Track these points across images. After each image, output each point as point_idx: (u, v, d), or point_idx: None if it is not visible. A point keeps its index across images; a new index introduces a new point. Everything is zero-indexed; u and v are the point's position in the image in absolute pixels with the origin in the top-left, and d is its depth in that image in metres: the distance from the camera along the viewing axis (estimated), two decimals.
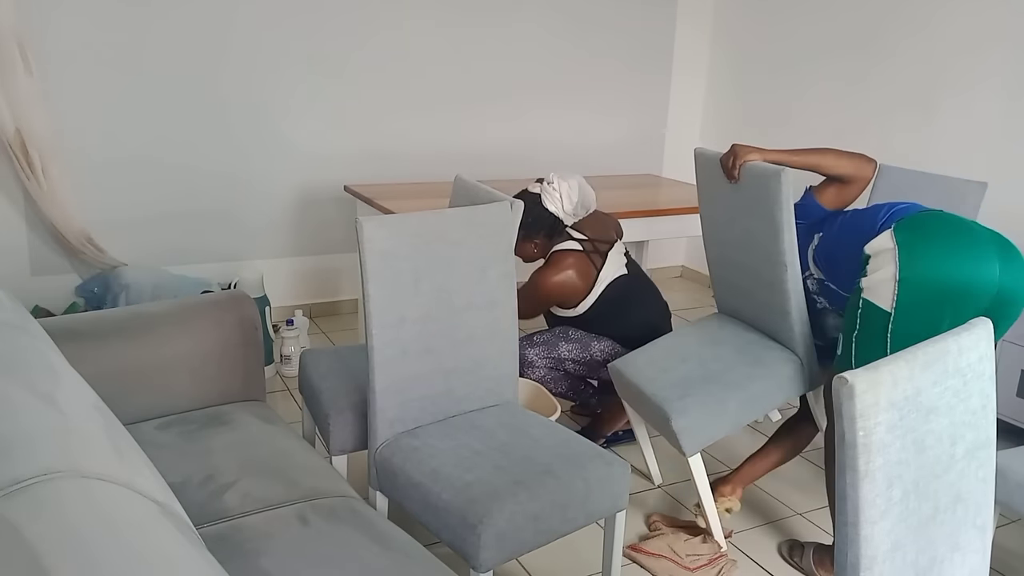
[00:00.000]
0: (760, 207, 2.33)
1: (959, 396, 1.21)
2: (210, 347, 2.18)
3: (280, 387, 3.46)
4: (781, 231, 2.29)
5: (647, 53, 4.83)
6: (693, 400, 2.32)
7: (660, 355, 2.56)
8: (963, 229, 2.14)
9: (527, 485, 1.85)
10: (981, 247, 2.08)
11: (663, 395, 2.35)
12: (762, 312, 2.53)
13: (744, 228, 2.44)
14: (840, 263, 2.31)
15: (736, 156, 2.36)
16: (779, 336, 2.49)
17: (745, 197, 2.38)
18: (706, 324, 2.74)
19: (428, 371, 2.09)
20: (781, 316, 2.43)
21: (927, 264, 2.07)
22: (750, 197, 2.36)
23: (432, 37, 4.20)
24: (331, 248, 4.25)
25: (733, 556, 2.41)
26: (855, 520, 1.11)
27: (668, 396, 2.34)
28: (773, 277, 2.38)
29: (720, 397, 2.35)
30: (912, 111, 3.81)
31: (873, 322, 2.14)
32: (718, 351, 2.52)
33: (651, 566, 2.33)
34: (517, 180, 4.04)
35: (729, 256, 2.60)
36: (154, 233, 3.81)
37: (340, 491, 1.82)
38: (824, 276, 2.39)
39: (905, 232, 2.12)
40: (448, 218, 2.11)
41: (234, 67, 3.81)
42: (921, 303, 2.07)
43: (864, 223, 2.27)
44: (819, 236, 2.40)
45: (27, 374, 1.24)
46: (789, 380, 2.45)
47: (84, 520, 0.89)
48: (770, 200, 2.28)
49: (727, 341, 2.57)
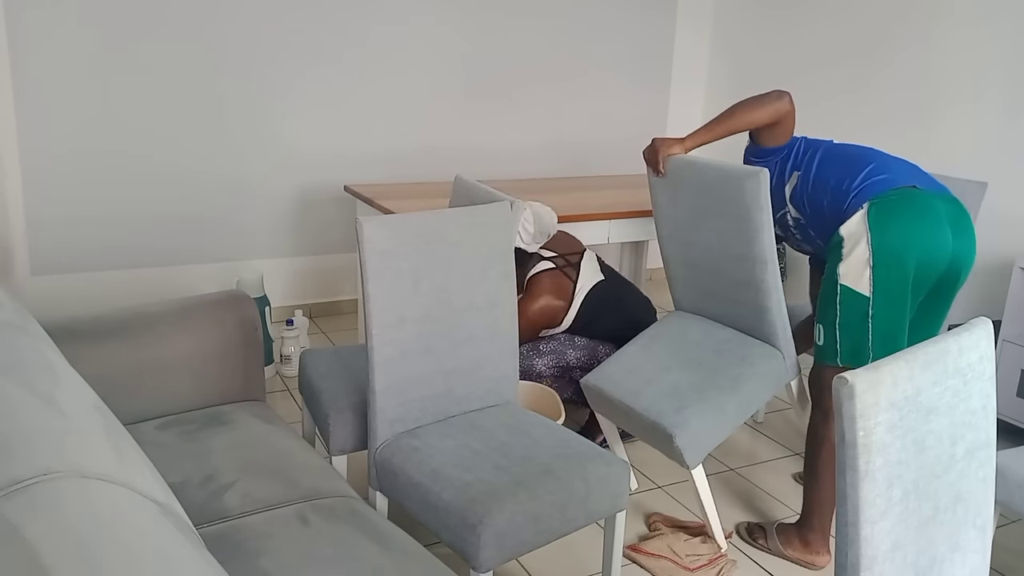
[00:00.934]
0: (734, 208, 2.28)
1: (959, 396, 1.21)
2: (210, 347, 2.18)
3: (280, 387, 3.46)
4: (760, 231, 2.26)
5: (647, 53, 4.84)
6: (691, 412, 2.26)
7: (636, 364, 2.48)
8: (921, 204, 2.21)
9: (527, 485, 1.85)
10: (936, 220, 2.18)
11: (657, 410, 2.28)
12: (733, 309, 2.49)
13: (714, 228, 2.38)
14: (823, 213, 2.34)
15: (658, 151, 2.42)
16: (755, 332, 2.46)
17: (716, 199, 2.33)
18: (671, 325, 2.64)
19: (428, 371, 2.09)
20: (758, 313, 2.40)
21: (892, 243, 2.16)
22: (722, 198, 2.31)
23: (432, 37, 4.20)
24: (331, 248, 4.25)
25: (733, 556, 2.41)
26: (855, 520, 1.10)
27: (663, 410, 2.27)
28: (749, 276, 2.35)
29: (717, 403, 2.30)
30: (912, 112, 3.81)
31: (853, 308, 2.20)
32: (697, 354, 2.46)
33: (651, 566, 2.33)
34: (517, 180, 4.04)
35: (693, 256, 2.53)
36: (154, 233, 3.81)
37: (340, 491, 1.82)
38: (802, 218, 2.41)
39: (875, 214, 2.19)
40: (448, 218, 2.10)
41: (233, 66, 3.81)
42: (891, 280, 2.16)
43: (842, 177, 2.29)
44: (798, 175, 2.39)
45: (27, 374, 1.24)
46: (776, 375, 2.43)
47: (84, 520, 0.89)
48: (747, 201, 2.24)
49: (701, 342, 2.50)
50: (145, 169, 3.74)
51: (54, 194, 3.60)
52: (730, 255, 2.38)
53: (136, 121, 3.68)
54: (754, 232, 2.27)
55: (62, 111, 3.53)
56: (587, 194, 3.70)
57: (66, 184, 3.61)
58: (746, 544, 2.46)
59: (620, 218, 3.34)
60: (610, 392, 2.42)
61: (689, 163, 2.41)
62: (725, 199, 2.30)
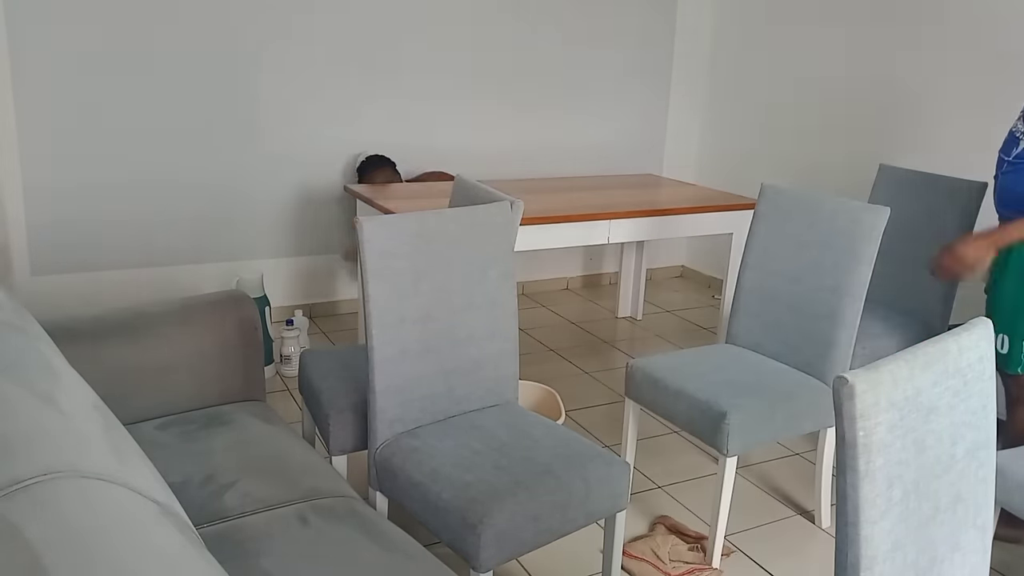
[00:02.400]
0: (842, 239, 2.41)
1: (959, 396, 1.21)
2: (210, 347, 2.18)
3: (280, 387, 3.46)
4: (860, 263, 2.38)
5: (647, 52, 4.84)
6: (747, 399, 2.29)
7: (686, 366, 2.51)
8: None
9: (527, 485, 1.85)
10: None
11: (712, 391, 2.32)
12: (796, 343, 2.52)
13: (811, 259, 2.48)
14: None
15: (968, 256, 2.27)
16: (811, 368, 2.48)
17: (824, 230, 2.46)
18: (722, 350, 2.68)
19: (428, 371, 2.09)
20: (825, 346, 2.44)
21: None
22: (831, 230, 2.45)
23: (433, 37, 4.20)
24: (331, 248, 4.25)
25: (734, 557, 2.41)
26: (855, 520, 1.10)
27: (719, 393, 2.31)
28: (832, 309, 2.42)
29: (771, 402, 2.33)
30: (912, 112, 3.81)
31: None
32: (751, 370, 2.49)
33: (632, 568, 2.32)
34: (517, 180, 4.05)
35: (772, 287, 2.59)
36: (154, 233, 3.81)
37: (340, 491, 1.82)
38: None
39: None
40: (448, 218, 2.10)
41: (233, 66, 3.81)
42: None
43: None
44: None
45: (27, 374, 1.24)
46: (827, 408, 2.42)
47: (84, 520, 0.89)
48: (862, 234, 2.37)
49: (755, 365, 2.54)
50: (145, 169, 3.74)
51: (54, 194, 3.60)
52: (819, 287, 2.46)
53: (136, 121, 3.68)
54: (854, 263, 2.38)
55: (62, 111, 3.53)
56: (587, 194, 3.70)
57: (66, 184, 3.61)
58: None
59: (620, 218, 3.34)
60: (659, 373, 2.45)
61: (804, 196, 2.55)
62: (834, 231, 2.44)
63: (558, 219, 3.20)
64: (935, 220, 3.07)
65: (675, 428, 3.13)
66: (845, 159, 4.15)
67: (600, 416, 3.28)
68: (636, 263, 4.45)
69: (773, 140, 4.59)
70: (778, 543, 2.50)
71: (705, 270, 5.18)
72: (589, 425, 3.18)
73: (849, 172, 4.14)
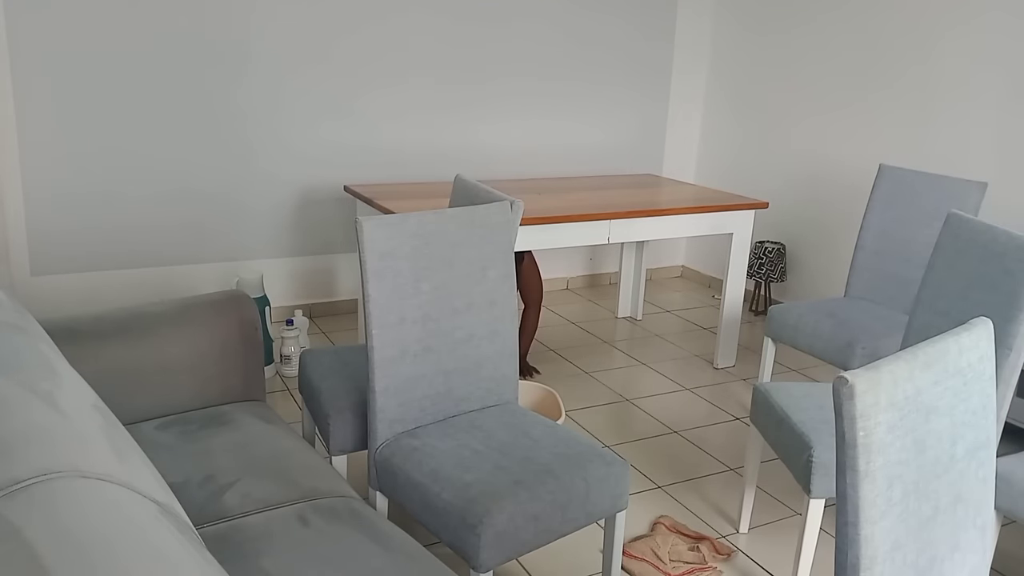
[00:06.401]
0: (1008, 282, 2.04)
1: (959, 396, 1.21)
2: (210, 347, 2.18)
3: (280, 387, 3.46)
4: (1020, 310, 1.99)
5: (647, 52, 4.84)
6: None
7: (813, 391, 2.42)
8: None
9: (527, 485, 1.85)
10: None
11: (810, 426, 2.20)
12: None
13: (979, 302, 2.13)
14: None
15: None
16: None
17: (994, 267, 2.09)
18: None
19: (428, 371, 2.09)
20: None
21: None
22: (1000, 268, 2.07)
23: (433, 37, 4.20)
24: (331, 248, 4.25)
25: (735, 557, 2.41)
26: (855, 520, 1.10)
27: (816, 428, 2.19)
28: None
29: None
30: (912, 112, 3.81)
31: None
32: None
33: (632, 568, 2.32)
34: (517, 180, 4.05)
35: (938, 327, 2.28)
36: (154, 233, 3.82)
37: (340, 491, 1.82)
38: None
39: None
40: (448, 218, 2.11)
41: (233, 67, 3.81)
42: None
43: None
44: None
45: (27, 374, 1.24)
46: None
47: (84, 520, 0.89)
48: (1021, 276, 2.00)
49: None
50: (145, 169, 3.74)
51: (54, 194, 3.60)
52: None
53: (136, 121, 3.68)
54: (1016, 310, 1.99)
55: (62, 111, 3.53)
56: (587, 194, 3.70)
57: (66, 184, 3.61)
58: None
59: (620, 218, 3.34)
60: (775, 398, 2.37)
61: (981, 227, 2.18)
62: (1003, 269, 2.05)
63: (558, 219, 3.21)
64: (935, 220, 3.08)
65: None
66: (845, 159, 4.15)
67: (600, 416, 3.28)
68: (636, 263, 4.45)
69: (773, 140, 4.59)
70: (778, 543, 2.50)
71: (705, 270, 5.18)
72: (589, 425, 3.18)
73: (849, 172, 4.14)
